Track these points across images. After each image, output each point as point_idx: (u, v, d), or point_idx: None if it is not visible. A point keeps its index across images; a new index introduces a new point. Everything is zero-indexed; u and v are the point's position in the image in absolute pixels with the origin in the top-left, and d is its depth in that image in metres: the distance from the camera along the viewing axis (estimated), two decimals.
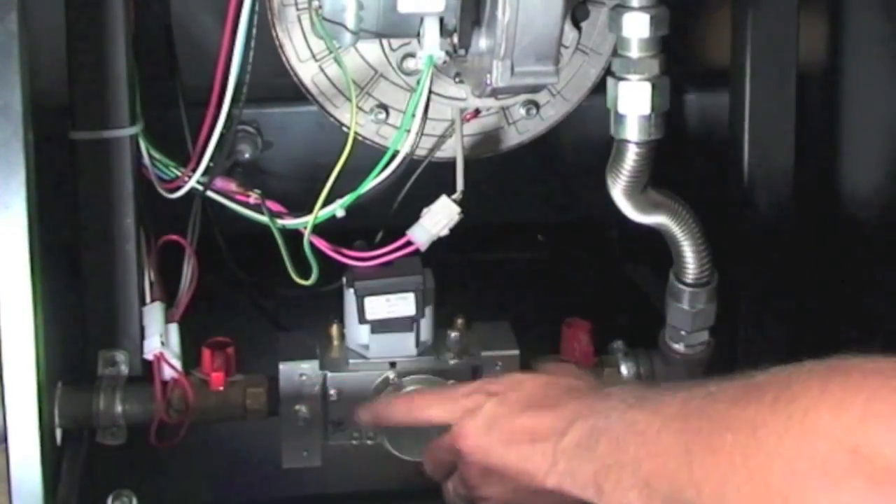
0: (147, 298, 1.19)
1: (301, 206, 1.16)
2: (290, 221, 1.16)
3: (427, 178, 1.20)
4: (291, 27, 1.16)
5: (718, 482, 0.79)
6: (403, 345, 1.15)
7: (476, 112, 1.22)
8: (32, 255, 1.00)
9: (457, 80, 1.18)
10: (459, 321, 1.18)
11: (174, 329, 1.18)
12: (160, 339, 1.15)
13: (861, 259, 1.36)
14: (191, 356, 1.17)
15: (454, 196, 1.16)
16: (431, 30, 1.09)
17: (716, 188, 1.37)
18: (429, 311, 1.16)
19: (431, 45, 1.09)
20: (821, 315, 1.37)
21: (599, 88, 1.16)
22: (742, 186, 1.32)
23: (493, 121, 1.23)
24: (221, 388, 1.15)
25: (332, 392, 1.15)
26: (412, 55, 1.17)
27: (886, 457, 0.71)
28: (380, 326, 1.14)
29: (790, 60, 1.31)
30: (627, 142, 1.08)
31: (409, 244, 1.15)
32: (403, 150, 1.16)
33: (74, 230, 1.15)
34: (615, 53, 1.09)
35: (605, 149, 1.11)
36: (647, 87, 1.07)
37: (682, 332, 1.17)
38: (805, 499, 0.74)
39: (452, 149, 1.20)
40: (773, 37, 1.30)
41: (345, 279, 1.16)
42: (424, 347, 1.17)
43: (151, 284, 1.19)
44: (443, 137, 1.21)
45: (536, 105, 1.23)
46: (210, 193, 1.18)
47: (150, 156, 1.17)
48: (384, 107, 1.20)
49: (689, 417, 0.84)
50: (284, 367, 1.15)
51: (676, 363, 1.19)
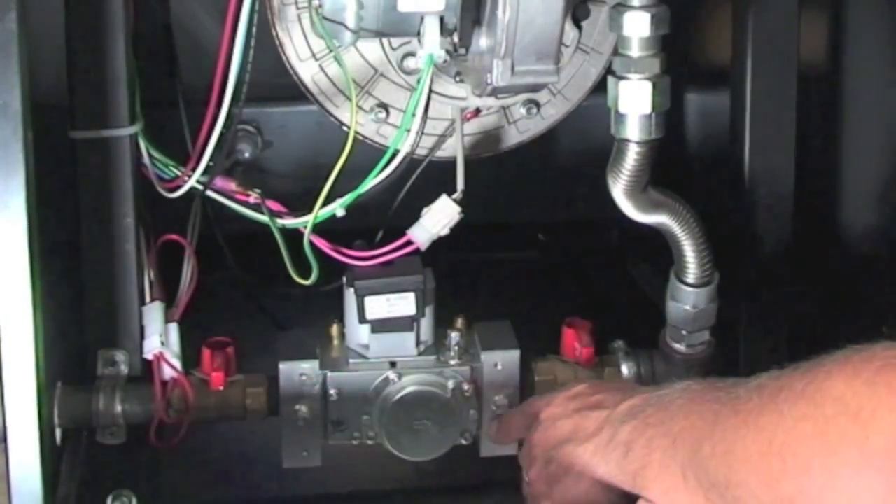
0: (147, 298, 1.18)
1: (301, 206, 1.16)
2: (290, 221, 1.16)
3: (427, 178, 1.20)
4: (291, 26, 1.16)
5: (731, 438, 0.81)
6: (404, 344, 1.15)
7: (476, 111, 1.21)
8: (32, 255, 1.00)
9: (457, 80, 1.18)
10: (460, 321, 1.18)
11: (174, 329, 1.17)
12: (160, 339, 1.15)
13: (861, 258, 1.36)
14: (191, 356, 1.17)
15: (454, 195, 1.16)
16: (432, 29, 1.09)
17: (716, 187, 1.37)
18: (429, 311, 1.15)
19: (432, 44, 1.09)
20: (821, 315, 1.36)
21: (600, 88, 1.16)
22: (742, 185, 1.32)
23: (494, 120, 1.23)
24: (221, 388, 1.15)
25: (332, 392, 1.14)
26: (412, 54, 1.17)
27: (884, 426, 0.71)
28: (380, 326, 1.14)
29: (791, 60, 1.31)
30: (628, 141, 1.08)
31: (410, 244, 1.15)
32: (404, 150, 1.15)
33: (74, 230, 1.15)
34: (616, 52, 1.09)
35: (606, 148, 1.11)
36: (648, 87, 1.06)
37: (683, 332, 1.17)
38: (800, 461, 0.75)
39: (453, 148, 1.19)
40: (774, 36, 1.30)
41: (345, 279, 1.15)
42: (425, 347, 1.16)
43: (151, 284, 1.19)
44: (443, 137, 1.21)
45: (537, 104, 1.22)
46: (210, 193, 1.18)
47: (150, 155, 1.17)
48: (384, 106, 1.19)
49: (732, 388, 0.85)
50: (284, 367, 1.14)
51: (677, 363, 1.19)
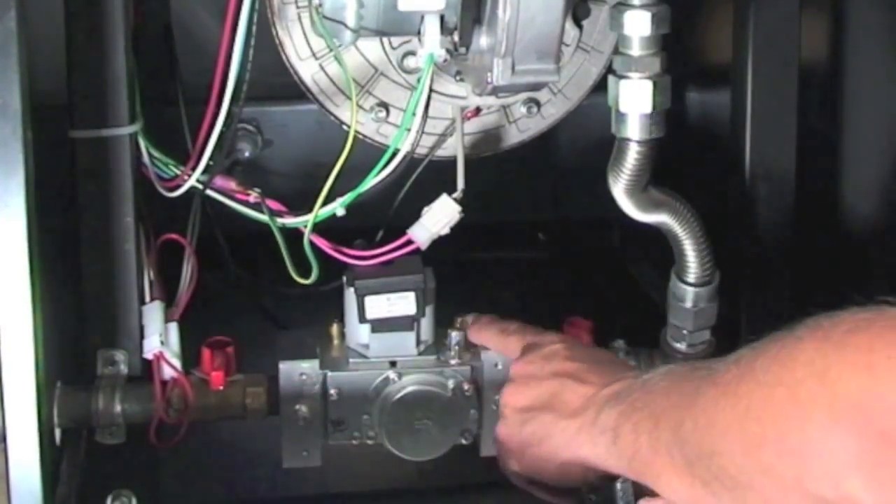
0: (146, 297, 1.18)
1: (301, 205, 1.16)
2: (290, 220, 1.16)
3: (427, 177, 1.20)
4: (291, 25, 1.16)
5: (711, 410, 0.81)
6: (404, 344, 1.15)
7: (477, 110, 1.21)
8: (31, 254, 1.00)
9: (457, 79, 1.18)
10: (460, 320, 1.17)
11: (174, 328, 1.17)
12: (160, 339, 1.15)
13: (862, 258, 1.36)
14: (190, 355, 1.16)
15: (455, 195, 1.16)
16: (432, 28, 1.09)
17: (717, 186, 1.36)
18: (429, 311, 1.15)
19: (432, 43, 1.09)
20: (821, 314, 1.36)
21: (600, 87, 1.16)
22: (743, 184, 1.32)
23: (494, 119, 1.23)
24: (221, 388, 1.15)
25: (333, 391, 1.14)
26: (413, 53, 1.16)
27: (850, 385, 0.71)
28: (380, 325, 1.14)
29: (792, 58, 1.30)
30: (629, 140, 1.08)
31: (410, 243, 1.15)
32: (404, 149, 1.15)
33: (74, 229, 1.15)
34: (616, 51, 1.09)
35: (607, 147, 1.11)
36: (649, 86, 1.06)
37: (684, 332, 1.17)
38: (777, 426, 0.75)
39: (453, 147, 1.19)
40: (775, 35, 1.30)
41: (345, 278, 1.15)
42: (425, 347, 1.16)
43: (151, 283, 1.19)
44: (443, 136, 1.21)
45: (537, 103, 1.22)
46: (210, 192, 1.18)
47: (150, 154, 1.17)
48: (384, 105, 1.19)
49: (712, 365, 0.85)
50: (284, 367, 1.14)
51: (678, 362, 1.18)
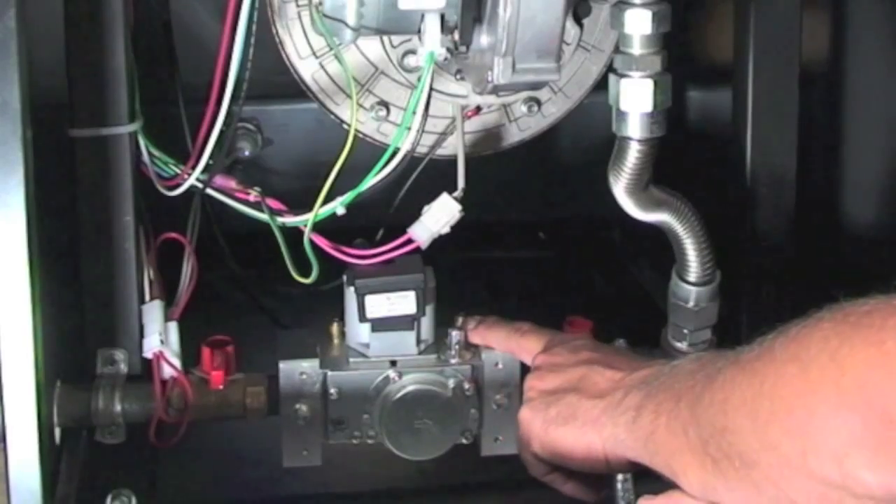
0: (146, 296, 1.18)
1: (301, 204, 1.16)
2: (290, 219, 1.16)
3: (428, 176, 1.19)
4: (291, 24, 1.16)
5: (729, 386, 0.82)
6: (404, 343, 1.15)
7: (477, 109, 1.21)
8: (31, 254, 1.00)
9: (458, 77, 1.18)
10: (460, 320, 1.17)
11: (173, 327, 1.17)
12: (159, 338, 1.15)
13: (863, 257, 1.35)
14: (190, 355, 1.16)
15: (455, 194, 1.16)
16: (432, 26, 1.09)
17: (718, 186, 1.36)
18: (429, 310, 1.15)
19: (432, 42, 1.09)
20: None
21: (601, 85, 1.16)
22: (744, 184, 1.32)
23: (495, 118, 1.23)
24: (221, 387, 1.15)
25: (333, 391, 1.14)
26: (413, 52, 1.16)
27: (857, 361, 0.72)
28: (380, 325, 1.14)
29: (793, 57, 1.30)
30: (629, 139, 1.08)
31: (410, 242, 1.15)
32: (404, 148, 1.15)
33: (73, 228, 1.15)
34: (617, 50, 1.08)
35: (607, 146, 1.11)
36: (650, 84, 1.06)
37: (685, 331, 1.17)
38: (785, 402, 0.76)
39: (453, 146, 1.19)
40: (776, 34, 1.30)
41: (345, 277, 1.15)
42: (425, 346, 1.16)
43: (151, 282, 1.19)
44: (444, 135, 1.20)
45: (538, 102, 1.22)
46: (210, 191, 1.17)
47: (150, 153, 1.17)
48: (385, 104, 1.19)
49: (740, 349, 0.85)
50: (284, 366, 1.14)
51: None
